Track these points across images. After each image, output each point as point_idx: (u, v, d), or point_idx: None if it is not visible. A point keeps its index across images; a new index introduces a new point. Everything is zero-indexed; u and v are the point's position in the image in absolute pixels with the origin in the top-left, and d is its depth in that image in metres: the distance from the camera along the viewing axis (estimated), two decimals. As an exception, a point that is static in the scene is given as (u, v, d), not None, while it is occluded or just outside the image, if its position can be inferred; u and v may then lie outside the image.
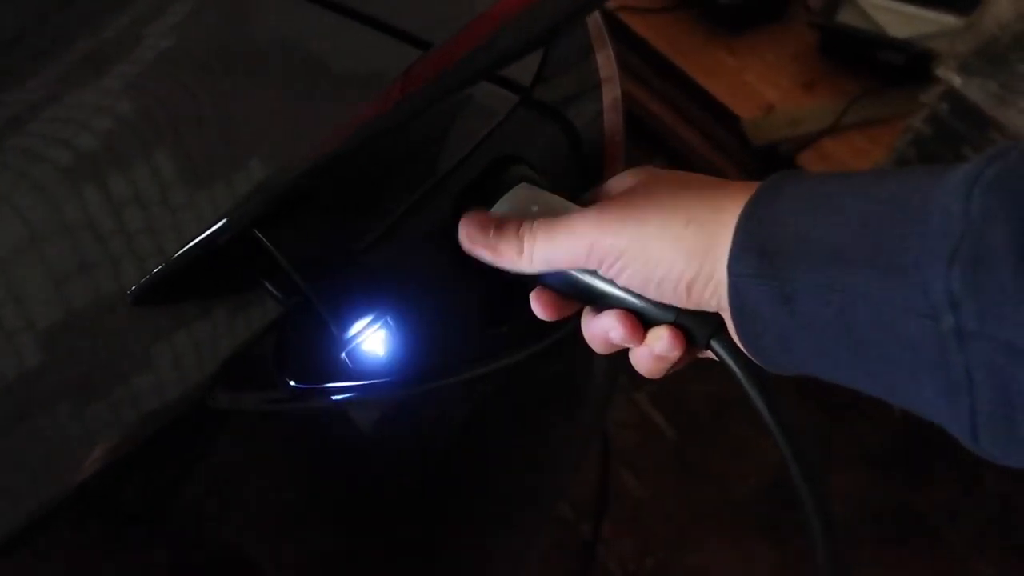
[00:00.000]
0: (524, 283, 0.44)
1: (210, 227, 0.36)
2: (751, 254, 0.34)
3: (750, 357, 0.38)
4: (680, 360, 0.40)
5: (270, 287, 0.40)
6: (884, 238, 0.31)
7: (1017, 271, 0.27)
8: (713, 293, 0.36)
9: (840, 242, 0.32)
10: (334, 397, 0.43)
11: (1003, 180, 0.29)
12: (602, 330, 0.40)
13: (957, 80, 1.09)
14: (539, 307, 0.43)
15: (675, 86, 1.54)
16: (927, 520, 1.28)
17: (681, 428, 1.37)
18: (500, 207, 0.44)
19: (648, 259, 0.37)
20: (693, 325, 0.39)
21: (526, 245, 0.40)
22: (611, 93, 0.50)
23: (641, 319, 0.40)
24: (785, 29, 1.55)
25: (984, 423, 0.29)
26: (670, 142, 1.56)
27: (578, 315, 0.43)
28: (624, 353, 0.42)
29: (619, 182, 0.42)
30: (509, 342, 0.49)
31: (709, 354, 0.40)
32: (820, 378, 0.35)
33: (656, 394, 1.40)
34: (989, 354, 0.28)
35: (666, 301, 0.38)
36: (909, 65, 1.36)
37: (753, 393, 0.38)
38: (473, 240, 0.42)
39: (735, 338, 0.37)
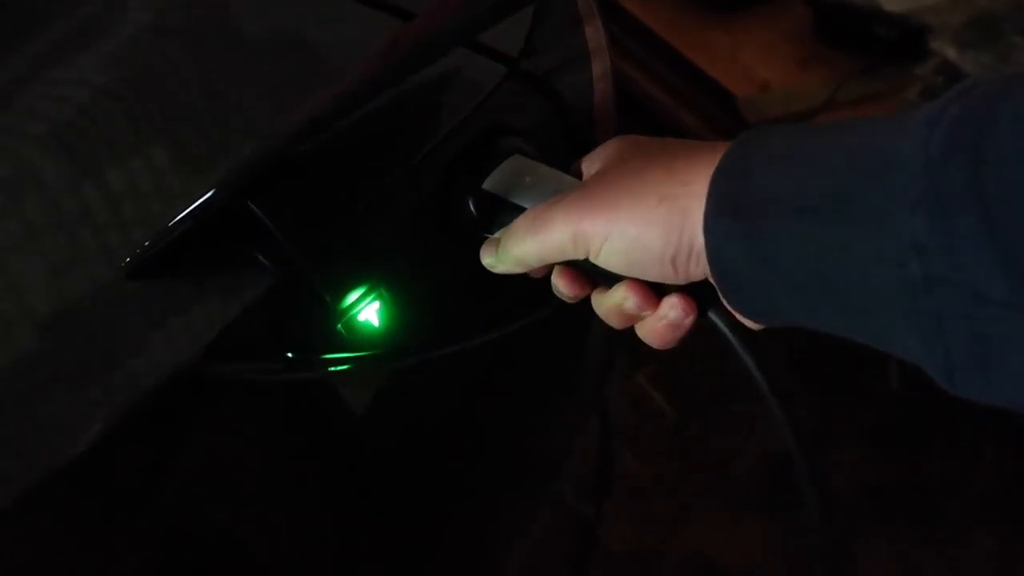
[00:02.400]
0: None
1: (201, 196, 0.36)
2: (724, 215, 0.34)
3: (739, 317, 0.38)
4: (690, 328, 0.40)
5: (264, 259, 0.40)
6: (851, 188, 0.31)
7: (979, 215, 0.27)
8: (698, 263, 0.36)
9: (809, 195, 0.32)
10: (330, 368, 0.43)
11: (963, 120, 0.28)
12: (615, 303, 0.40)
13: (952, 52, 1.09)
14: (564, 285, 0.43)
15: (669, 65, 1.53)
16: (927, 495, 1.29)
17: (681, 407, 1.37)
18: (494, 178, 0.44)
19: (627, 242, 0.37)
20: (695, 293, 0.39)
21: (508, 244, 0.41)
22: (601, 64, 0.50)
23: (652, 286, 0.40)
24: (779, 6, 1.54)
25: (959, 367, 0.30)
26: (665, 121, 1.56)
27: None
28: (624, 333, 0.42)
29: (598, 155, 0.42)
30: (503, 314, 0.49)
31: None
32: (809, 327, 0.35)
33: (656, 374, 1.40)
34: (957, 299, 0.28)
35: (654, 278, 0.38)
36: (904, 39, 1.35)
37: (751, 364, 0.38)
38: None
39: (721, 297, 0.37)
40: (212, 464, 0.46)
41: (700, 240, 0.36)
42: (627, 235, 0.37)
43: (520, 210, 0.43)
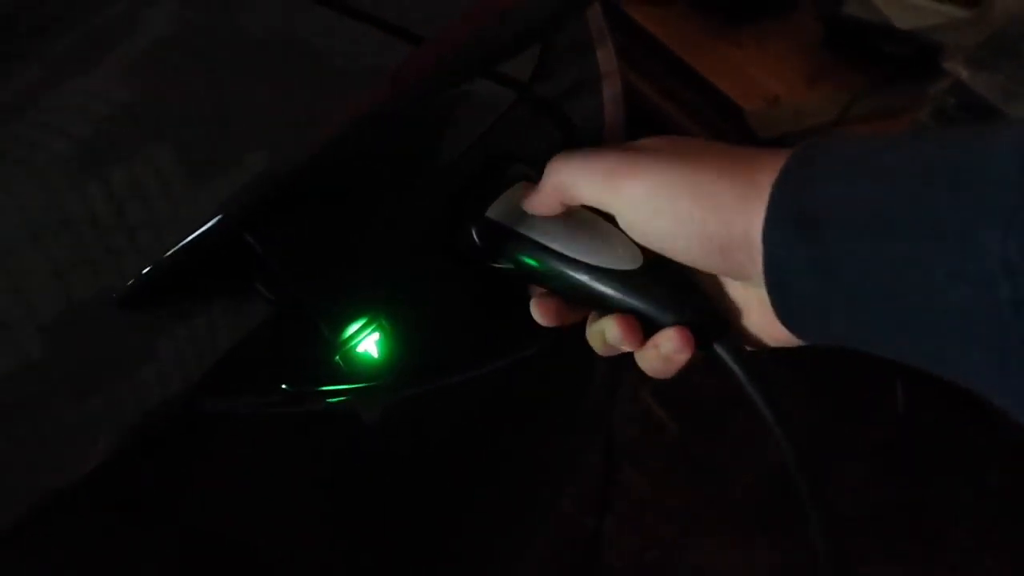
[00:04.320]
0: (520, 284, 0.43)
1: (196, 230, 0.35)
2: (788, 222, 0.33)
3: (788, 330, 0.36)
4: (688, 362, 0.39)
5: (262, 289, 0.39)
6: (932, 203, 0.29)
7: None
8: (749, 258, 0.34)
9: (884, 207, 0.30)
10: (327, 401, 0.42)
11: None
12: (598, 330, 0.40)
13: (964, 73, 1.08)
14: (539, 314, 0.42)
15: (679, 78, 1.53)
16: (932, 516, 1.28)
17: (684, 423, 1.37)
18: (498, 207, 0.43)
19: (679, 210, 0.35)
20: (701, 326, 0.38)
21: (551, 166, 0.40)
22: (611, 88, 0.49)
23: (644, 321, 0.39)
24: (790, 21, 1.53)
25: None
26: (674, 135, 1.55)
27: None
28: (627, 353, 0.41)
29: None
30: (506, 343, 0.48)
31: None
32: (857, 348, 0.34)
33: (660, 389, 1.39)
34: None
35: (696, 262, 0.37)
36: (916, 58, 1.34)
37: (758, 398, 0.37)
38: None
39: (772, 309, 0.35)
40: (228, 476, 0.45)
41: (756, 234, 0.34)
42: (679, 205, 0.35)
43: (525, 240, 0.42)
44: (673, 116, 1.54)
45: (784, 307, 0.35)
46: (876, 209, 0.31)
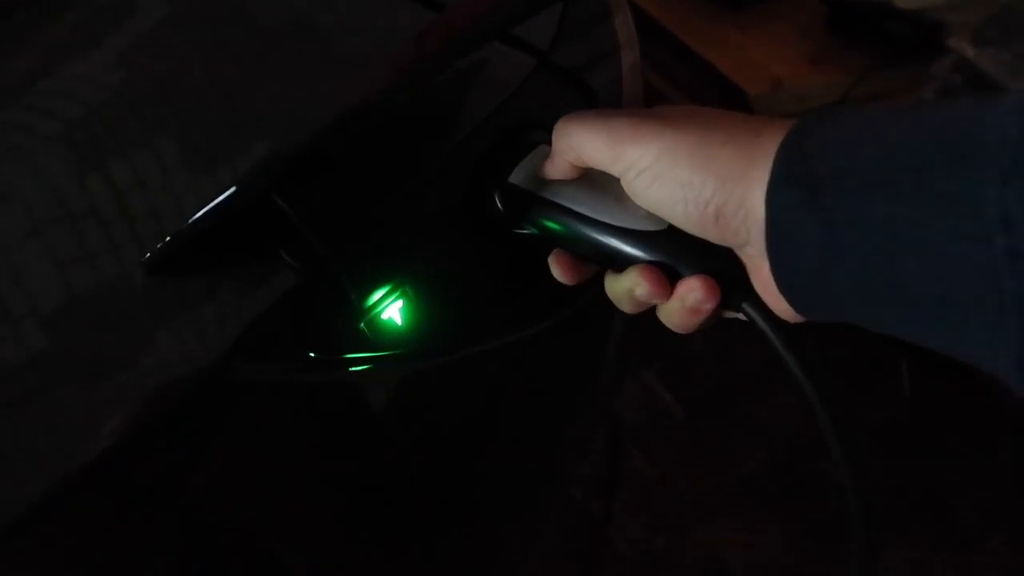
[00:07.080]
0: (544, 249, 0.43)
1: (226, 190, 0.35)
2: (791, 185, 0.33)
3: (777, 310, 0.36)
4: (712, 315, 0.39)
5: (287, 256, 0.39)
6: (933, 164, 0.29)
7: None
8: (743, 223, 0.34)
9: (886, 171, 0.30)
10: (351, 368, 0.42)
11: None
12: (626, 288, 0.39)
13: (970, 51, 1.08)
14: (558, 270, 0.42)
15: (682, 62, 1.52)
16: (938, 498, 1.28)
17: (690, 406, 1.37)
18: (520, 172, 0.43)
19: (678, 176, 0.35)
20: (729, 282, 0.38)
21: (557, 128, 0.39)
22: (630, 57, 0.49)
23: (666, 272, 0.39)
24: (792, 3, 1.53)
25: None
26: (691, 104, 1.54)
27: (593, 288, 0.42)
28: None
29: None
30: (524, 315, 0.48)
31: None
32: (853, 322, 0.34)
33: (665, 372, 1.39)
34: None
35: (691, 228, 0.36)
36: (919, 37, 1.34)
37: (790, 360, 0.37)
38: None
39: (772, 277, 0.35)
40: (234, 464, 0.45)
41: (754, 198, 0.34)
42: (680, 169, 0.35)
43: (549, 203, 0.42)
44: (675, 100, 1.54)
45: (784, 273, 0.34)
46: (878, 174, 0.31)
